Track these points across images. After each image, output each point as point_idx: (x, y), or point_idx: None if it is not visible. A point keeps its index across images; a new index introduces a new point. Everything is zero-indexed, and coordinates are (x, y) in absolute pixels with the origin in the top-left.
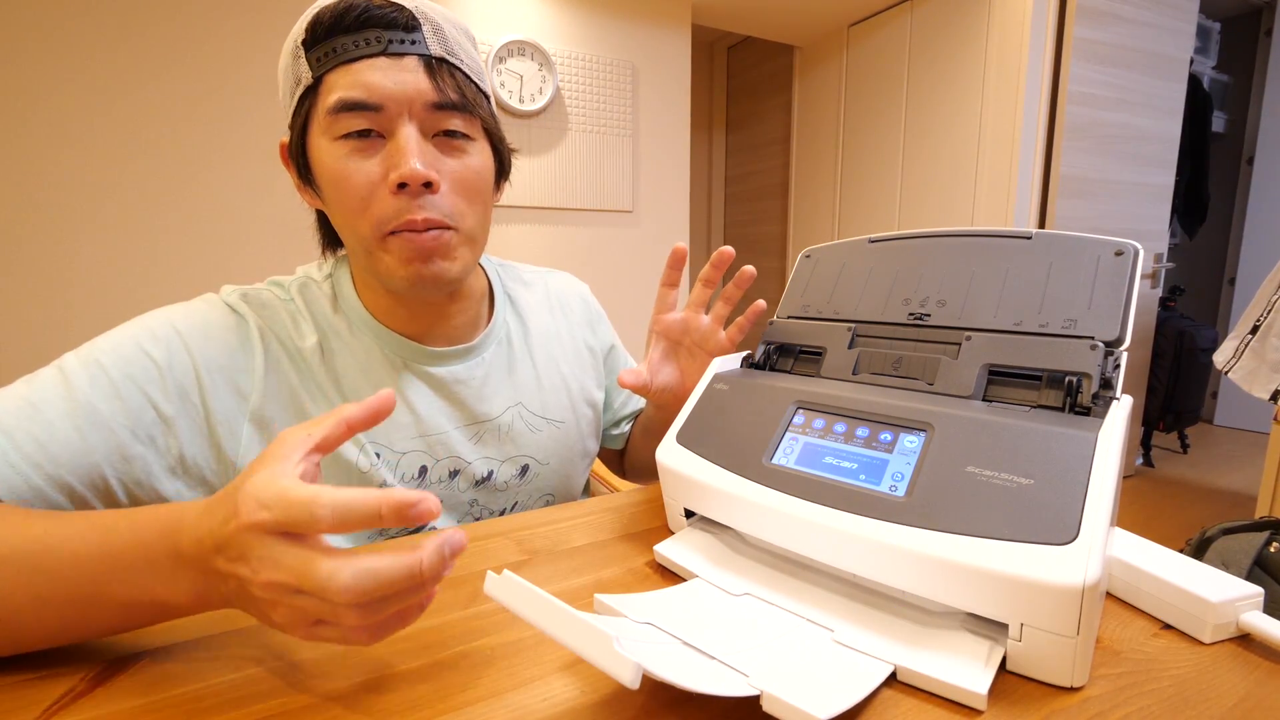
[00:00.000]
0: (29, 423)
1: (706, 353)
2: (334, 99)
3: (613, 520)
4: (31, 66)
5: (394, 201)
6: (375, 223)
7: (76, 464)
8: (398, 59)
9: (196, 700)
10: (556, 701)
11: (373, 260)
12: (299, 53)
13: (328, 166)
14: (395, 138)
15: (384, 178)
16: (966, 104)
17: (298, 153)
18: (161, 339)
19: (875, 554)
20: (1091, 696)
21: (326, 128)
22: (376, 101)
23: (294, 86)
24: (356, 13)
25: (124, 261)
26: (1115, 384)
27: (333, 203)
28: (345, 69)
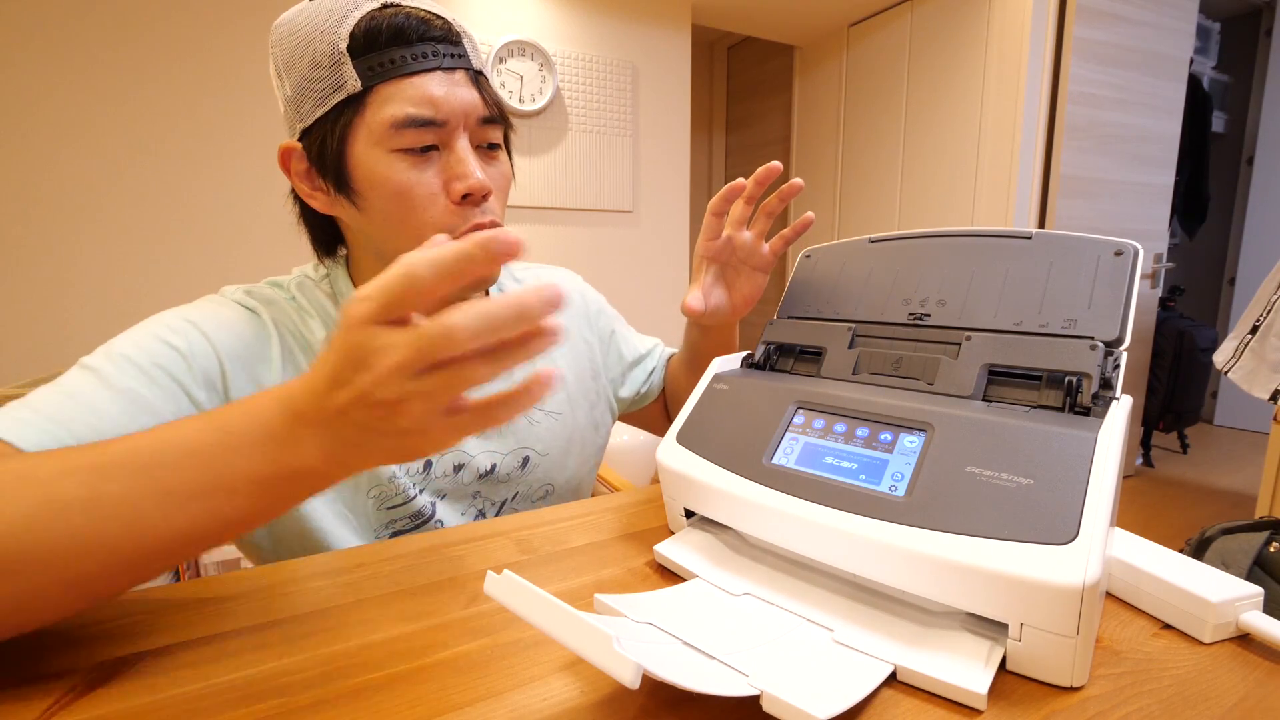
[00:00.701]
0: (77, 412)
1: (751, 268)
2: (401, 114)
3: (613, 520)
4: (31, 67)
5: (458, 211)
6: (440, 230)
7: None
8: (450, 74)
9: (196, 700)
10: (556, 701)
11: None
12: (342, 59)
13: (385, 179)
14: (454, 150)
15: (443, 188)
16: (966, 104)
17: (334, 159)
18: (180, 331)
19: (875, 554)
20: (1091, 696)
21: (382, 139)
22: (443, 117)
23: (329, 92)
24: (415, 26)
25: (124, 261)
26: (1115, 384)
27: (384, 212)
28: (403, 82)
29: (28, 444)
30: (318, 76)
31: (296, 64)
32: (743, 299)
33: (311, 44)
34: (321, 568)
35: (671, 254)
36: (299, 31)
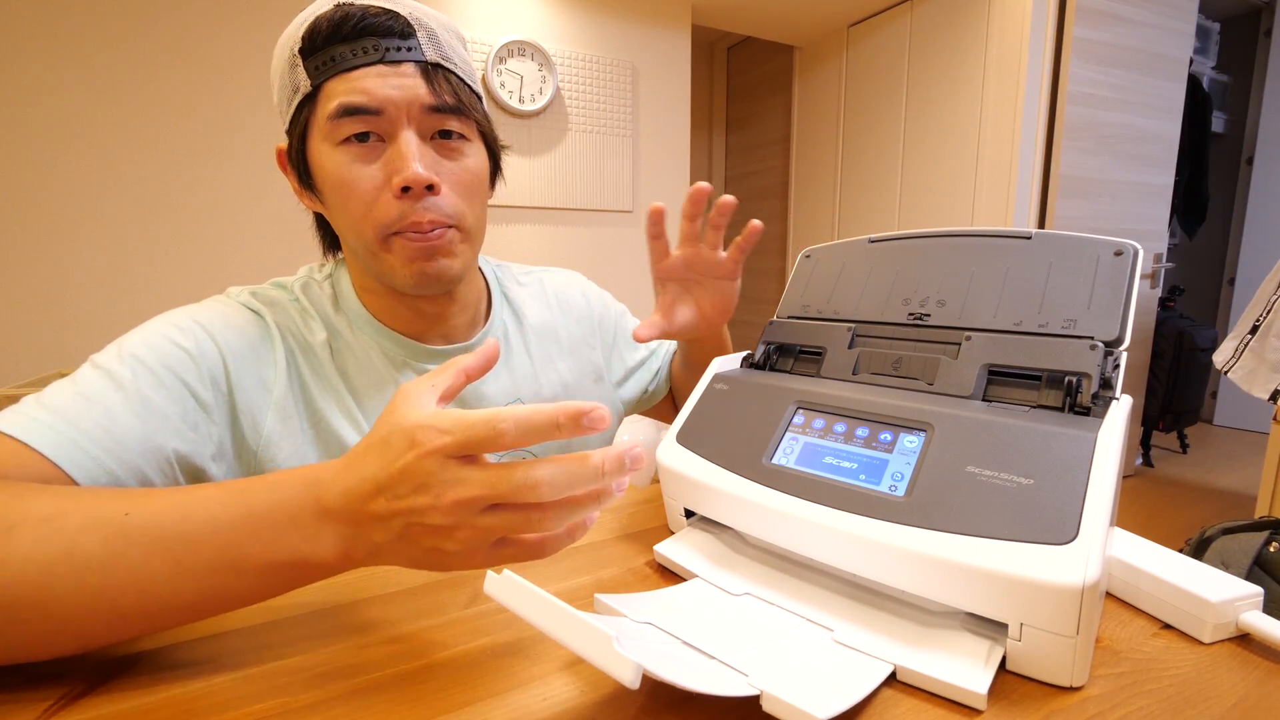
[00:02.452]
0: (91, 413)
1: (716, 278)
2: (334, 105)
3: (613, 520)
4: (31, 66)
5: (397, 204)
6: (379, 225)
7: (144, 448)
8: (395, 66)
9: (196, 700)
10: (556, 701)
11: (376, 261)
12: (296, 61)
13: (330, 172)
14: (395, 142)
15: (386, 181)
16: (966, 104)
17: (298, 158)
18: (188, 331)
19: (875, 554)
20: (1091, 696)
21: (328, 133)
22: (376, 106)
23: (291, 94)
24: (353, 22)
25: (124, 262)
26: (1115, 384)
27: (335, 207)
28: (344, 77)
29: (43, 446)
30: (285, 81)
31: (275, 72)
32: (715, 310)
33: (282, 51)
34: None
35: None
36: (279, 43)
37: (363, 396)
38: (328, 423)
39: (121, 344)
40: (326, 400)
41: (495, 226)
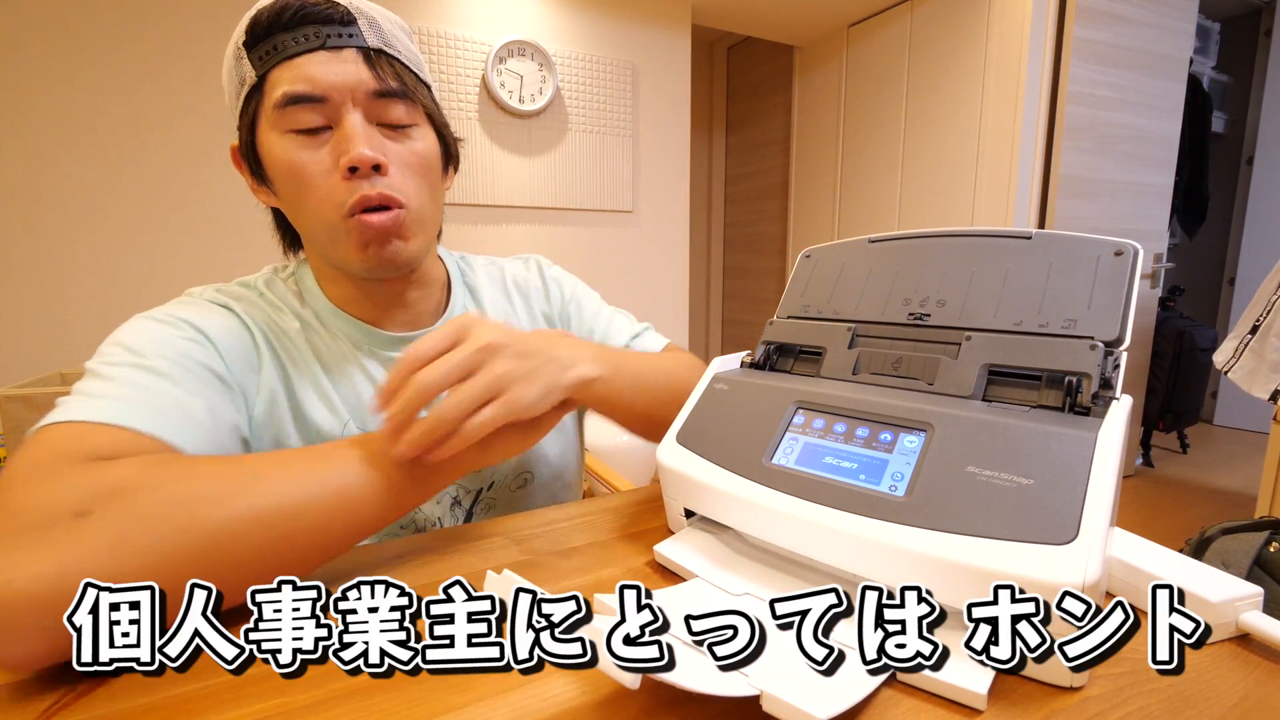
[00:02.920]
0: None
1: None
2: (279, 93)
3: (613, 520)
4: (31, 67)
5: (347, 185)
6: (333, 206)
7: (218, 425)
8: (336, 52)
9: (196, 700)
10: (556, 701)
11: (334, 246)
12: (240, 54)
13: (280, 160)
14: (341, 126)
15: (335, 165)
16: (966, 104)
17: (249, 152)
18: (177, 323)
19: (875, 554)
20: (1091, 696)
21: (275, 123)
22: (321, 93)
23: (239, 87)
24: (293, 10)
25: (124, 261)
26: (1115, 384)
27: (288, 195)
28: (287, 65)
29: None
30: (232, 76)
31: (224, 70)
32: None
33: (229, 47)
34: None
35: (671, 254)
36: (229, 40)
37: (336, 380)
38: (303, 407)
39: (122, 345)
40: (303, 383)
41: (495, 226)
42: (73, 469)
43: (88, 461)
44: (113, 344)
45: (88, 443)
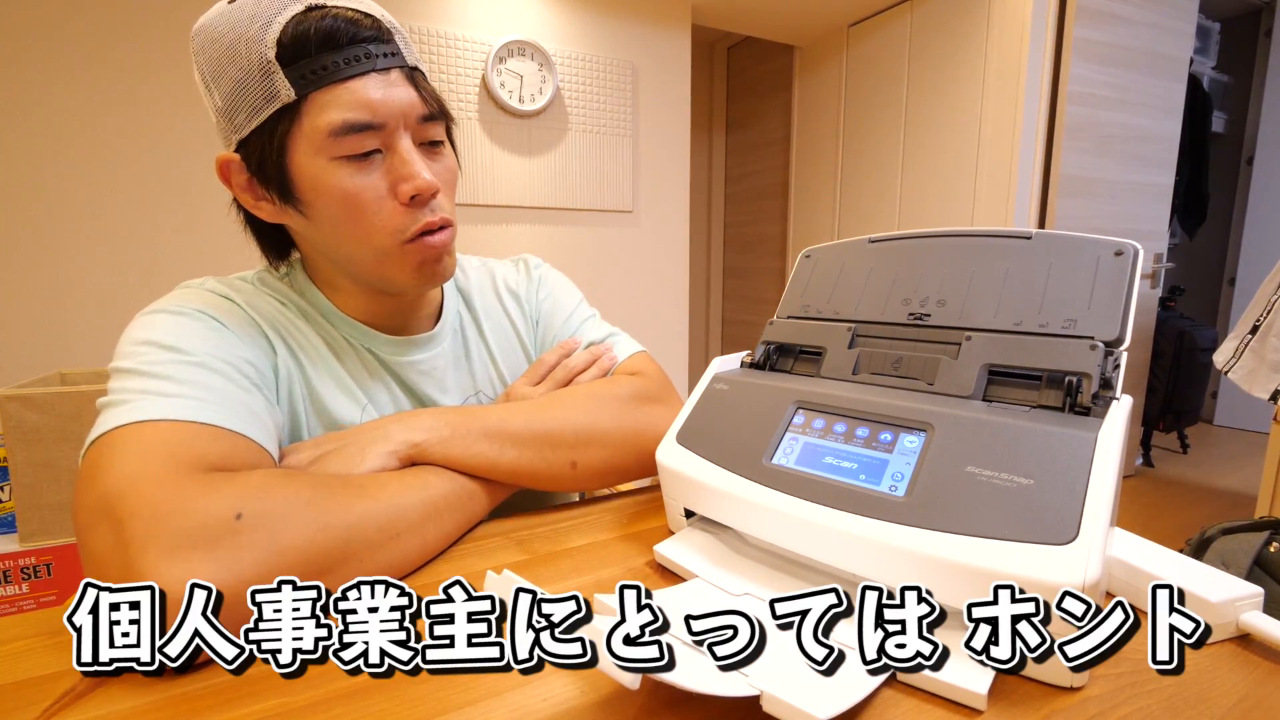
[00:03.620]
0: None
1: None
2: (337, 120)
3: (613, 520)
4: (31, 67)
5: (407, 212)
6: (391, 232)
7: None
8: (385, 74)
9: (196, 700)
10: (556, 701)
11: (382, 268)
12: (271, 69)
13: (330, 187)
14: (397, 152)
15: (390, 191)
16: (966, 104)
17: (274, 170)
18: (198, 317)
19: (875, 554)
20: (1091, 696)
21: (323, 148)
22: (381, 120)
23: (262, 103)
24: (344, 29)
25: (124, 261)
26: (1115, 384)
27: (335, 219)
28: (339, 88)
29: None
30: (248, 88)
31: (223, 74)
32: None
33: (237, 53)
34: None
35: (671, 254)
36: (221, 40)
37: (350, 368)
38: (320, 395)
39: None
40: (317, 372)
41: (496, 226)
42: (216, 477)
43: (213, 468)
44: (141, 343)
45: (196, 445)
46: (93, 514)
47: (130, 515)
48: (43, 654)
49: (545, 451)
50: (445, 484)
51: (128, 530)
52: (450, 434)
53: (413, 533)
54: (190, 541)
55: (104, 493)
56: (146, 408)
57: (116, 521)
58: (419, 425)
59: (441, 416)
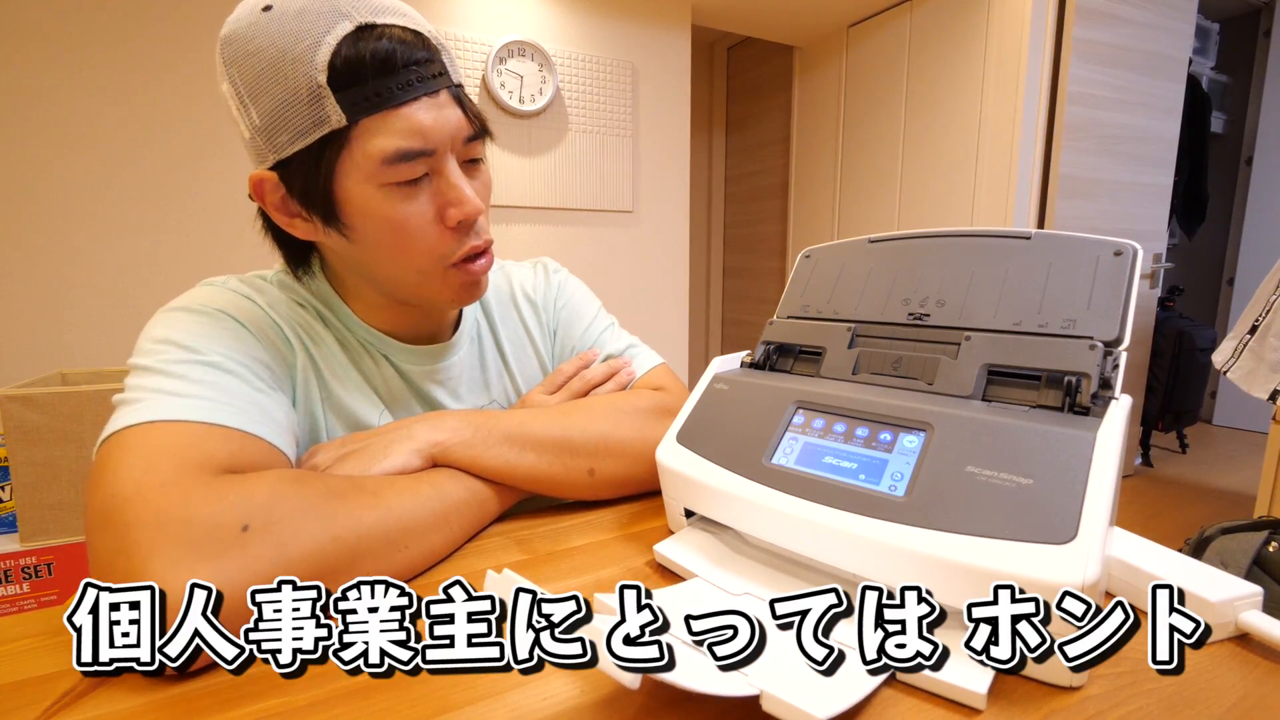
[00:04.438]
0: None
1: None
2: (391, 148)
3: (613, 520)
4: (31, 66)
5: (453, 236)
6: (438, 257)
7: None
8: (435, 96)
9: (196, 700)
10: (556, 701)
11: (423, 289)
12: (321, 94)
13: (379, 212)
14: (444, 176)
15: (436, 215)
16: (966, 104)
17: (321, 194)
18: (217, 316)
19: (875, 554)
20: (1091, 696)
21: (372, 174)
22: (432, 147)
23: (310, 126)
24: (400, 56)
25: (124, 262)
26: (1114, 384)
27: (379, 244)
28: (391, 114)
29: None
30: (294, 109)
31: (265, 92)
32: None
33: (281, 73)
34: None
35: (671, 254)
36: (261, 54)
37: (367, 372)
38: (337, 396)
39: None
40: (334, 374)
41: (495, 226)
42: (222, 482)
43: (222, 469)
44: (160, 341)
45: (206, 446)
46: (99, 517)
47: (135, 522)
48: (43, 654)
49: (564, 458)
50: (460, 491)
51: (132, 538)
52: (472, 435)
53: (421, 542)
54: (195, 553)
55: (110, 496)
56: (158, 407)
57: (121, 527)
58: (443, 425)
59: (465, 418)
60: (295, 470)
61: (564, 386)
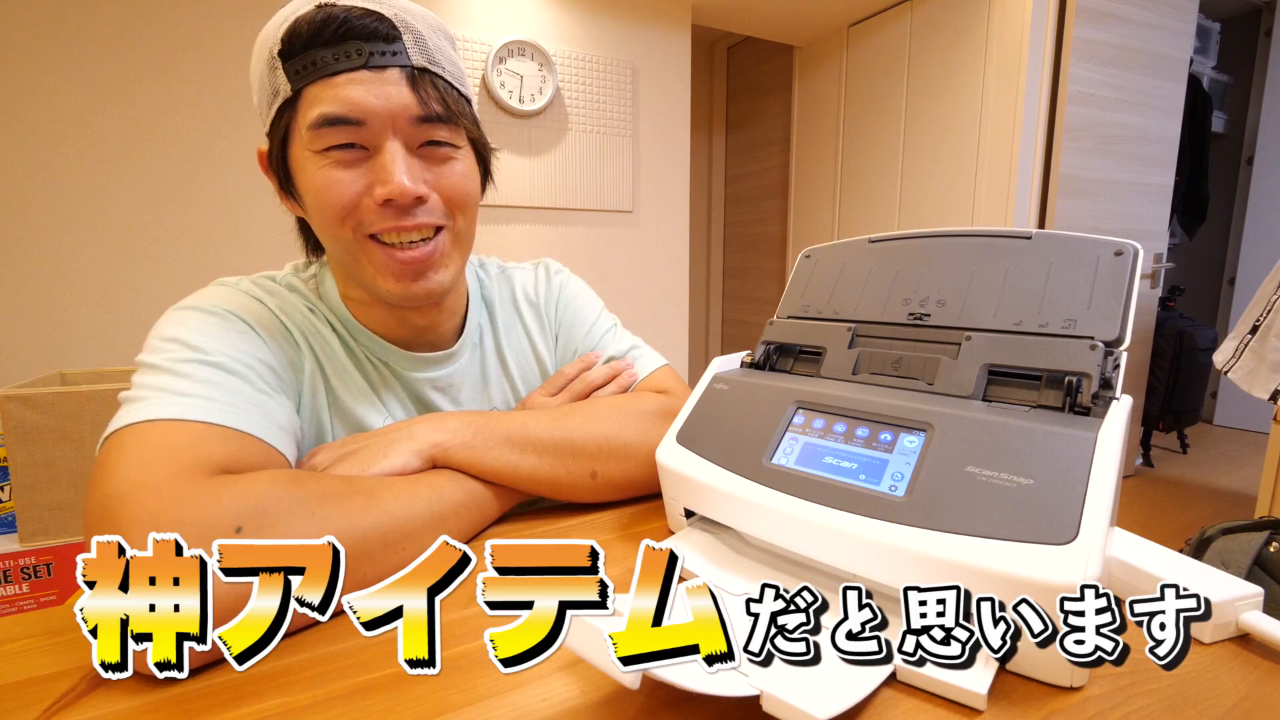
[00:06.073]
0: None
1: None
2: (315, 114)
3: (613, 520)
4: (31, 66)
5: (381, 213)
6: (354, 225)
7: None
8: (379, 72)
9: (196, 700)
10: (556, 701)
11: (357, 267)
12: (275, 64)
13: (310, 178)
14: (380, 154)
15: (368, 190)
16: (966, 104)
17: (278, 163)
18: (226, 317)
19: (875, 554)
20: (1091, 696)
21: (308, 141)
22: (359, 116)
23: (271, 98)
24: (336, 25)
25: (124, 262)
26: (1115, 384)
27: (314, 213)
28: (326, 83)
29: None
30: (265, 83)
31: (254, 73)
32: None
33: (261, 51)
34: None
35: (671, 254)
36: (259, 40)
37: (373, 381)
38: (348, 407)
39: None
40: (341, 383)
41: (495, 226)
42: (217, 483)
43: (219, 469)
44: (168, 339)
45: (203, 446)
46: (95, 517)
47: (129, 522)
48: (43, 654)
49: (566, 460)
50: (458, 494)
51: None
52: (473, 436)
53: (417, 544)
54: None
55: (107, 495)
56: (158, 406)
57: (116, 528)
58: (444, 426)
59: (466, 419)
60: (290, 471)
61: (565, 388)
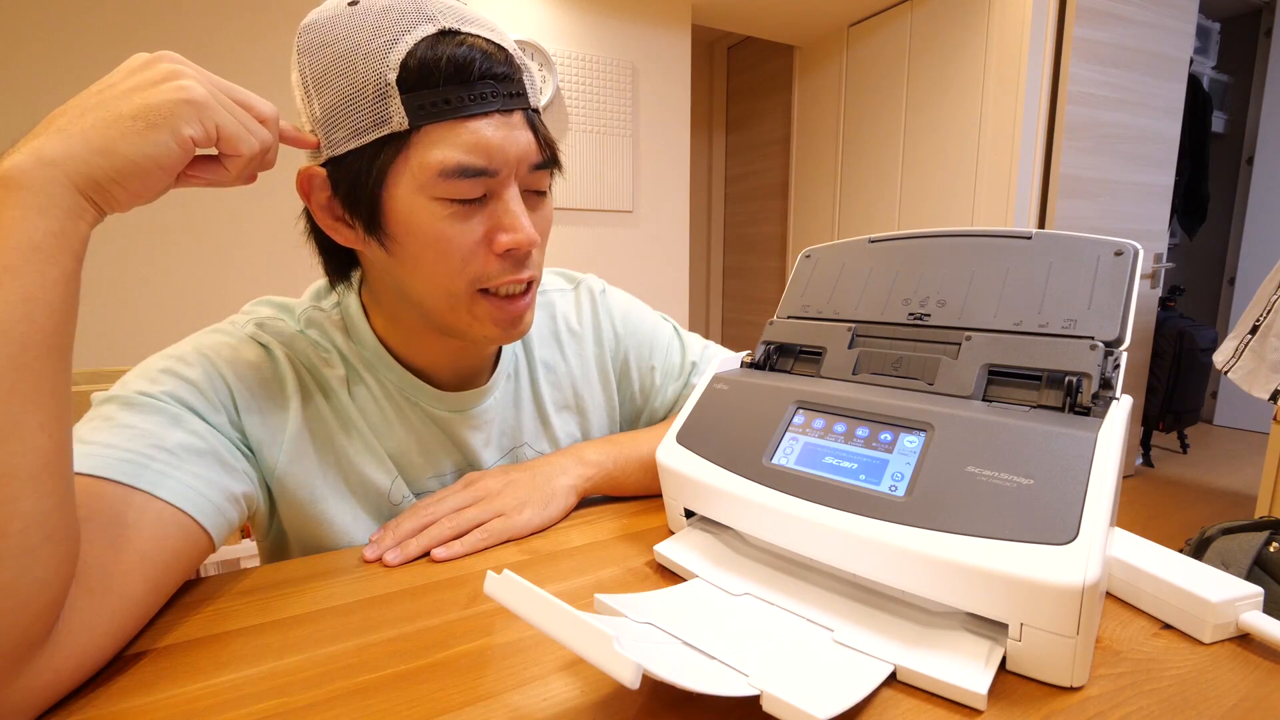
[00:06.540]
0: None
1: None
2: (452, 161)
3: (613, 520)
4: (31, 67)
5: (496, 262)
6: (471, 279)
7: (228, 491)
8: (508, 115)
9: (196, 700)
10: (556, 701)
11: (453, 315)
12: (389, 92)
13: (426, 226)
14: (502, 200)
15: (485, 238)
16: (966, 104)
17: (369, 199)
18: (194, 363)
19: (875, 554)
20: (1091, 696)
21: (426, 185)
22: (495, 167)
23: (371, 125)
24: (477, 66)
25: (124, 263)
26: (1115, 384)
27: (418, 260)
28: (456, 125)
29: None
30: (357, 106)
31: (330, 85)
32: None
33: (352, 66)
34: (321, 568)
35: (671, 254)
36: (335, 46)
37: (381, 435)
38: (350, 461)
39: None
40: (351, 438)
41: None
42: None
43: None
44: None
45: None
46: None
47: None
48: None
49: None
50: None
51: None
52: (613, 466)
53: None
54: None
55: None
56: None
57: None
58: (588, 460)
59: (603, 449)
60: None
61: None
